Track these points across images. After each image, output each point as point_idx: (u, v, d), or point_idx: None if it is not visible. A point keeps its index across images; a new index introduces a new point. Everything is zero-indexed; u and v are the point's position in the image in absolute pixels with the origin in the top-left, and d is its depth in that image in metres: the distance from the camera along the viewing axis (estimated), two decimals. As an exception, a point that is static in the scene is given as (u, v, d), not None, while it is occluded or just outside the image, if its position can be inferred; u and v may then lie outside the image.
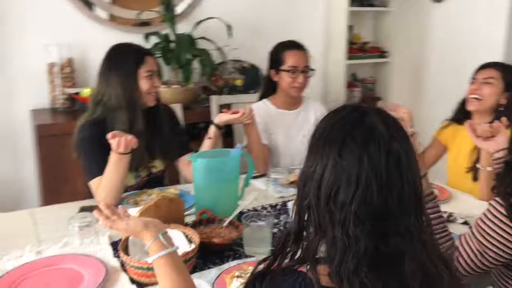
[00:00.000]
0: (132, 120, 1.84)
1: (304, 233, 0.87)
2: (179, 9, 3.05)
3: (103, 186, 1.70)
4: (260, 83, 3.34)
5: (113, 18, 2.93)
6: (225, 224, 1.51)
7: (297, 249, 0.87)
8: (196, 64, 2.88)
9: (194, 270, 1.32)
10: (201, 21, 2.94)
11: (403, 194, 0.80)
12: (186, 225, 1.50)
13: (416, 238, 0.81)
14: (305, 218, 0.86)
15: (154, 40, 2.82)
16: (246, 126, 2.09)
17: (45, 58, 2.72)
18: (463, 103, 2.11)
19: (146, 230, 1.10)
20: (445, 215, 1.52)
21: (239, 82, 3.05)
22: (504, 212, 1.16)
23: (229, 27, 2.94)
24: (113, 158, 1.67)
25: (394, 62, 3.65)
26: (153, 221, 1.15)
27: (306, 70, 2.28)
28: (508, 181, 1.19)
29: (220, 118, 2.00)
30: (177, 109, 2.43)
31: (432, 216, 1.28)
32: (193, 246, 1.33)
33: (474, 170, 1.98)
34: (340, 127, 0.83)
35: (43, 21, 2.74)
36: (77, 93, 2.65)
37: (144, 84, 1.86)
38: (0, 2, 2.64)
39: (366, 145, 0.80)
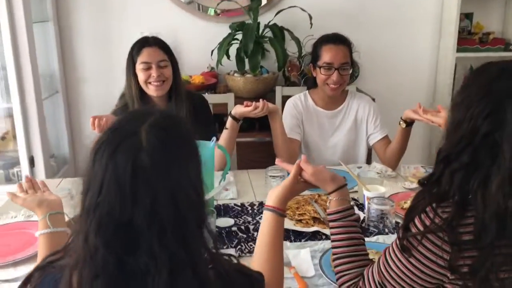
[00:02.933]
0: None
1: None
2: (267, -2, 3.05)
3: None
4: (355, 75, 3.18)
5: (203, 9, 3.08)
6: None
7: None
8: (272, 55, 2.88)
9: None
10: (281, 10, 2.91)
11: (157, 211, 0.74)
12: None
13: (164, 260, 0.74)
14: None
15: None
16: (270, 118, 2.03)
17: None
18: None
19: (38, 208, 1.21)
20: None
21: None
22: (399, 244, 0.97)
23: (310, 17, 2.85)
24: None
25: (521, 56, 3.07)
26: (49, 200, 1.24)
27: (343, 68, 2.10)
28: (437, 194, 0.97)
29: (235, 109, 1.99)
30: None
31: (338, 236, 1.11)
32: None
33: None
34: (113, 131, 0.79)
35: (140, 10, 3.03)
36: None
37: (140, 75, 1.97)
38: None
39: (115, 153, 0.75)
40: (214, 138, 1.64)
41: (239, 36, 2.84)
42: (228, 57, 2.93)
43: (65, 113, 3.07)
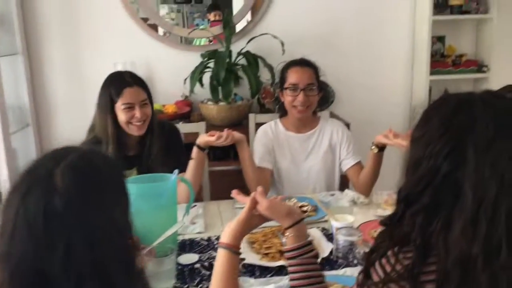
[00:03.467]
0: (106, 148, 1.90)
1: None
2: (240, 26, 3.05)
3: None
4: (328, 101, 3.17)
5: (175, 38, 3.06)
6: (145, 252, 1.46)
7: None
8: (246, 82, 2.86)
9: None
10: (253, 38, 2.91)
11: (72, 258, 0.69)
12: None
13: None
14: None
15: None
16: (237, 147, 2.00)
17: (112, 76, 2.97)
18: None
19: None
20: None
21: None
22: None
23: (282, 44, 2.86)
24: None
25: (493, 78, 3.08)
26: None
27: (308, 88, 2.08)
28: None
29: (200, 139, 1.96)
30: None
31: (296, 275, 1.06)
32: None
33: None
34: (28, 173, 0.75)
35: (112, 41, 3.00)
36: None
37: (121, 116, 1.91)
38: (74, 23, 2.97)
39: (26, 196, 0.71)
40: (176, 171, 1.59)
41: (212, 64, 2.83)
42: (202, 85, 2.92)
43: (36, 146, 3.00)
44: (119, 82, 1.92)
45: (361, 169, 2.12)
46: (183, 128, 2.41)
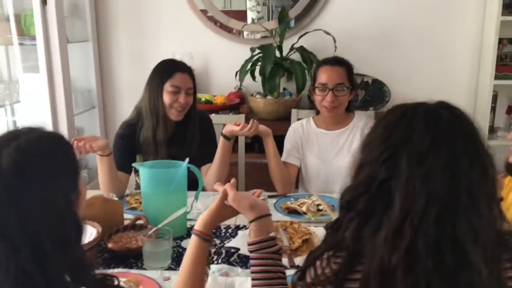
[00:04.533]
0: (154, 129, 2.02)
1: None
2: (296, 20, 3.06)
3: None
4: (385, 99, 3.09)
5: (233, 31, 3.14)
6: (149, 233, 1.56)
7: None
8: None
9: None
10: (305, 33, 2.90)
11: (7, 232, 0.78)
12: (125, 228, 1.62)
13: (13, 275, 0.77)
14: None
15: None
16: (263, 140, 2.03)
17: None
18: None
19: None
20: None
21: None
22: None
23: (334, 40, 2.83)
24: (97, 158, 1.90)
25: None
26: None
27: (337, 88, 2.05)
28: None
29: (225, 128, 2.01)
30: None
31: (254, 268, 1.08)
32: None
33: None
34: None
35: (173, 31, 3.15)
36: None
37: (166, 97, 2.02)
38: (140, 13, 3.16)
39: None
40: (187, 159, 1.67)
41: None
42: (254, 78, 2.97)
43: (101, 126, 3.25)
44: (172, 66, 2.06)
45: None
46: (222, 119, 2.49)
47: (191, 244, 1.15)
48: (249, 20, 3.13)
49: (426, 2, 3.00)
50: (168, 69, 2.05)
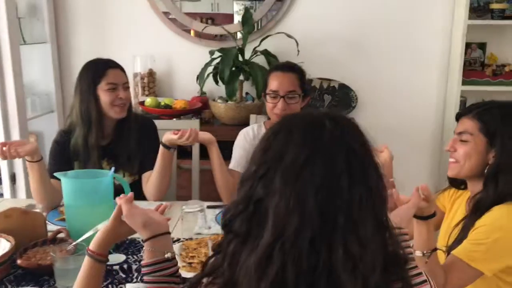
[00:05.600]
0: (86, 136, 1.93)
1: None
2: (261, 23, 2.98)
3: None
4: (352, 104, 3.01)
5: (196, 34, 3.05)
6: (68, 247, 1.46)
7: None
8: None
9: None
10: (267, 36, 2.82)
11: None
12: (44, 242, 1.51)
13: None
14: None
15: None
16: (207, 148, 1.94)
17: (133, 68, 3.03)
18: None
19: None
20: None
21: None
22: None
23: (297, 43, 2.75)
24: (27, 165, 1.80)
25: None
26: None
27: (289, 96, 1.96)
28: None
29: (165, 137, 1.91)
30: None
31: None
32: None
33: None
34: None
35: (134, 34, 3.06)
36: (142, 102, 2.87)
37: (105, 97, 1.93)
38: (101, 14, 3.06)
39: None
40: (113, 168, 1.57)
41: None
42: (216, 82, 2.87)
43: (60, 131, 3.15)
44: (102, 64, 1.97)
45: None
46: (177, 125, 2.40)
47: (84, 265, 1.06)
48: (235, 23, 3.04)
49: (394, 5, 2.91)
50: (99, 68, 1.96)
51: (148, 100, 2.84)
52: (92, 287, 1.04)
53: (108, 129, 2.01)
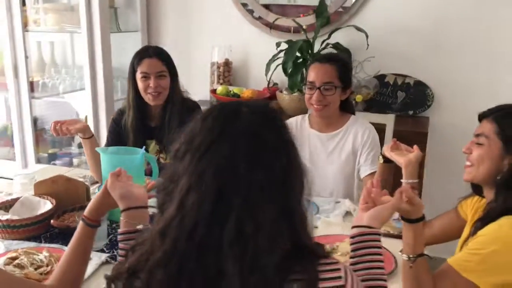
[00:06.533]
0: (131, 116, 2.11)
1: None
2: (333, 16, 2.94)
3: None
4: (427, 103, 2.87)
5: (273, 26, 3.11)
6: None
7: None
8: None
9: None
10: (336, 29, 2.79)
11: None
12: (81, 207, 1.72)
13: None
14: None
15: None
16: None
17: (211, 57, 3.19)
18: None
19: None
20: None
21: (358, 98, 2.70)
22: None
23: (366, 36, 2.68)
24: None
25: None
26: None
27: (325, 87, 1.94)
28: None
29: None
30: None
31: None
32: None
33: None
34: None
35: (215, 24, 3.22)
36: (214, 90, 3.02)
37: (139, 84, 2.08)
38: (187, 5, 3.26)
39: None
40: (144, 147, 1.72)
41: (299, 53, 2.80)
42: (286, 73, 2.92)
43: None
44: (141, 53, 2.11)
45: (378, 179, 1.92)
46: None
47: (77, 228, 1.20)
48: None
49: (477, -1, 2.71)
50: (137, 56, 2.11)
51: (220, 88, 2.99)
52: (81, 248, 1.17)
53: (155, 112, 2.15)
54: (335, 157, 2.04)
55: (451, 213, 1.57)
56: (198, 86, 3.23)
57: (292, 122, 2.15)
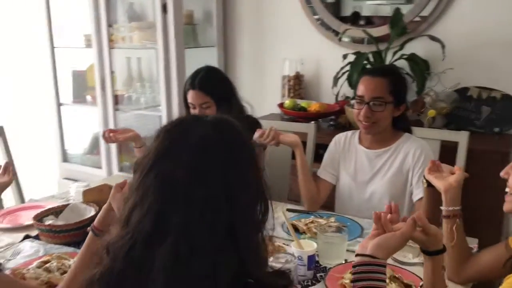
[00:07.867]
0: None
1: None
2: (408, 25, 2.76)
3: None
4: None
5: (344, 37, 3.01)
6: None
7: None
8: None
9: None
10: (409, 40, 2.60)
11: None
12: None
13: None
14: None
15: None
16: (294, 150, 1.94)
17: (281, 70, 3.17)
18: None
19: None
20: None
21: (431, 113, 2.47)
22: None
23: (442, 46, 2.48)
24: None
25: None
26: None
27: (374, 103, 1.80)
28: None
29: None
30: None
31: None
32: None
33: None
34: None
35: (287, 38, 3.19)
36: (282, 104, 2.98)
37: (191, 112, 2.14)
38: (261, 21, 3.28)
39: None
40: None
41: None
42: (351, 86, 2.80)
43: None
44: (188, 83, 2.15)
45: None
46: (293, 127, 2.44)
47: (87, 237, 1.25)
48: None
49: None
50: (186, 84, 2.16)
51: (287, 102, 2.95)
52: (90, 256, 1.22)
53: None
54: (380, 176, 1.89)
55: (500, 246, 1.36)
56: (270, 99, 3.23)
57: (341, 138, 2.04)
